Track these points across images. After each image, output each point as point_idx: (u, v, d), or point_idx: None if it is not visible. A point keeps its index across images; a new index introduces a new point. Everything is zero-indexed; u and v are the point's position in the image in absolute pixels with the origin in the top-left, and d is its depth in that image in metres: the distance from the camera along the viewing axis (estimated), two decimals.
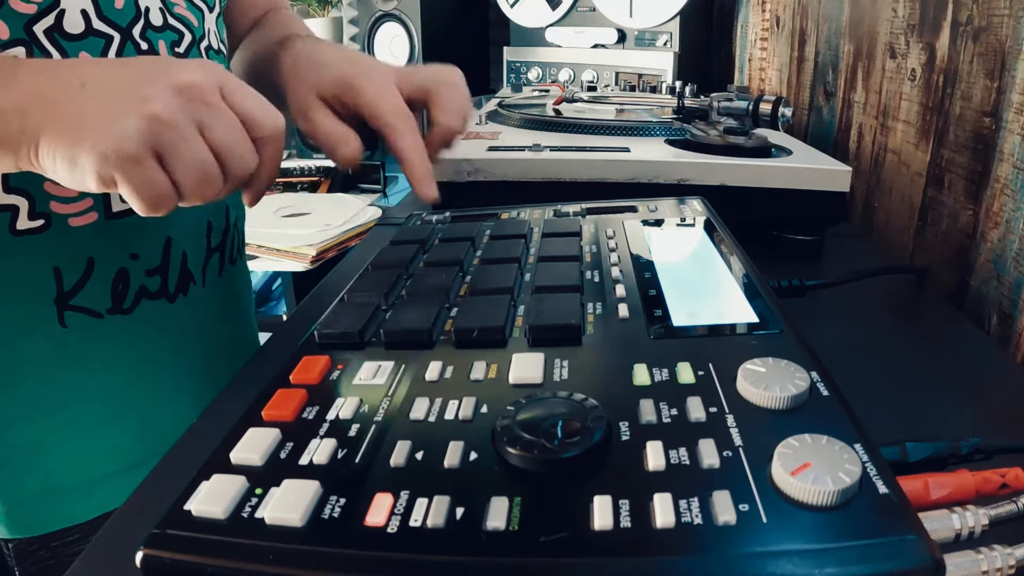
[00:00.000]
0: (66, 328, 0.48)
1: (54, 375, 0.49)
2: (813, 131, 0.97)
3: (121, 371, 0.51)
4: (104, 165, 0.34)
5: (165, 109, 0.35)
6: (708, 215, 0.49)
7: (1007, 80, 0.52)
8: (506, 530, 0.21)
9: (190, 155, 0.36)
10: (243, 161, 0.38)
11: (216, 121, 0.37)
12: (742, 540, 0.19)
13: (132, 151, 0.34)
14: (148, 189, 0.35)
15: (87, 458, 0.51)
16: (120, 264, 0.50)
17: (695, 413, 0.25)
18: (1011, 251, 0.52)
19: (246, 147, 0.38)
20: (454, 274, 0.40)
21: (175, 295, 0.54)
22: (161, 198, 0.36)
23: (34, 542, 0.51)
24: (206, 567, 0.21)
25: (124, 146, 0.34)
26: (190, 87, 0.36)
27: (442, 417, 0.26)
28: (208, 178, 0.37)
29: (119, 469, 0.51)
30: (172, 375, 0.54)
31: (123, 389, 0.52)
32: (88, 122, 0.34)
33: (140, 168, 0.35)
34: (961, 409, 0.39)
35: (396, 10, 1.77)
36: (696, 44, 1.41)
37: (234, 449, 0.25)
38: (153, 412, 0.53)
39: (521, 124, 0.79)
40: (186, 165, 0.36)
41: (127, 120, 0.34)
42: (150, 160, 0.35)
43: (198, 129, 0.36)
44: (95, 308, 0.49)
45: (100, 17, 0.46)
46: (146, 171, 0.35)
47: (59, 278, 0.47)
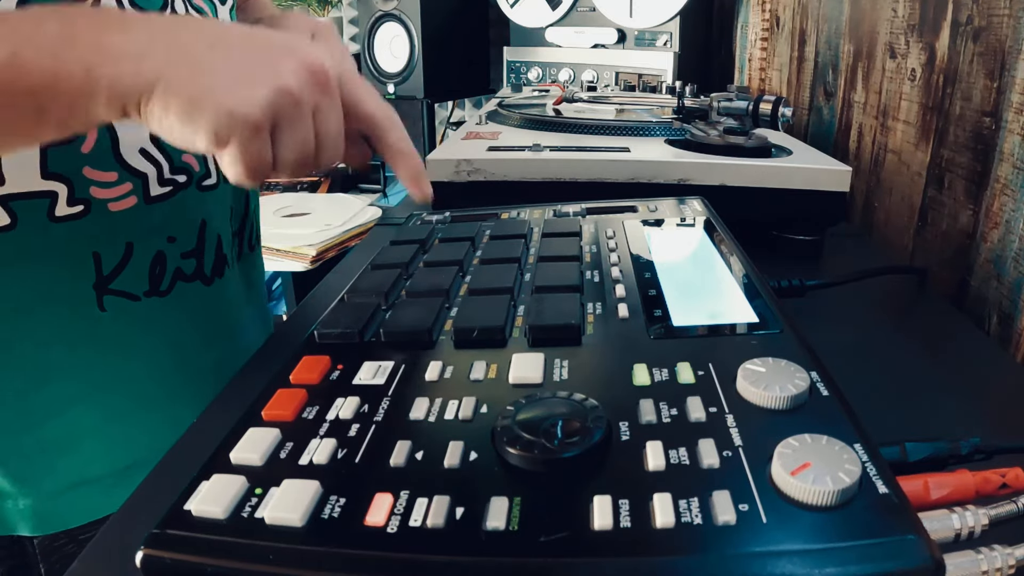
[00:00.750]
0: (105, 312, 0.49)
1: (91, 362, 0.49)
2: (813, 131, 0.97)
3: (154, 355, 0.52)
4: (225, 125, 0.34)
5: (296, 85, 0.35)
6: (708, 215, 0.49)
7: (1007, 80, 0.52)
8: (506, 530, 0.21)
9: (301, 136, 0.36)
10: (335, 153, 0.39)
11: (330, 110, 0.37)
12: (742, 540, 0.19)
13: (257, 117, 0.34)
14: (255, 158, 0.35)
15: (119, 446, 0.51)
16: (158, 247, 0.51)
17: (695, 413, 0.25)
18: (1011, 251, 0.52)
19: (341, 141, 0.39)
20: (454, 274, 0.40)
21: (211, 278, 0.55)
22: (261, 169, 0.36)
23: (62, 536, 0.51)
24: (206, 567, 0.21)
25: (251, 111, 0.34)
26: (321, 71, 0.36)
27: (442, 417, 0.26)
28: (306, 160, 0.37)
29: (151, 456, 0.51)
30: (202, 360, 0.55)
31: (155, 374, 0.52)
32: (219, 80, 0.34)
33: (256, 137, 0.35)
34: (961, 409, 0.39)
35: (396, 10, 1.77)
36: (696, 44, 1.41)
37: (234, 449, 0.25)
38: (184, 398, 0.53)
39: (521, 124, 0.79)
40: (294, 144, 0.36)
41: (260, 87, 0.34)
42: (266, 131, 0.35)
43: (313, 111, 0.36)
44: (133, 291, 0.50)
45: (132, 4, 0.47)
46: (260, 140, 0.35)
47: (98, 263, 0.48)
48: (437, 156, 0.64)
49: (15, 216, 0.44)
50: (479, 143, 0.69)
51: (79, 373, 0.49)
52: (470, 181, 0.64)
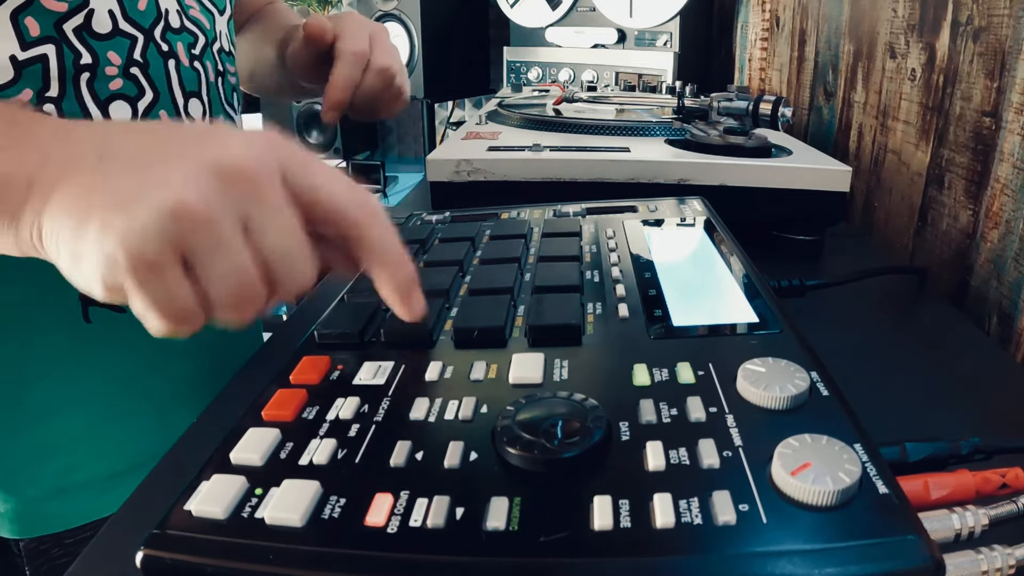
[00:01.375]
0: (90, 323, 0.48)
1: (76, 370, 0.49)
2: (813, 131, 0.97)
3: (139, 365, 0.52)
4: (111, 269, 0.25)
5: (198, 196, 0.25)
6: (708, 215, 0.49)
7: (1007, 80, 0.52)
8: (506, 530, 0.21)
9: (228, 265, 0.26)
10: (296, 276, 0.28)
11: (267, 219, 0.27)
12: (742, 540, 0.19)
13: (146, 253, 0.25)
14: (166, 304, 0.26)
15: (104, 453, 0.51)
16: None
17: (695, 413, 0.25)
18: (1011, 251, 0.52)
19: (303, 257, 0.28)
20: (454, 274, 0.40)
21: None
22: (183, 316, 0.27)
23: (47, 540, 0.51)
24: (206, 567, 0.21)
25: (136, 245, 0.25)
26: (235, 171, 0.27)
27: (442, 417, 0.26)
28: (249, 295, 0.27)
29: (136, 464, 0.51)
30: (189, 368, 0.55)
31: (141, 383, 0.52)
32: (99, 208, 0.26)
33: (155, 278, 0.26)
34: (961, 409, 0.39)
35: (396, 10, 1.77)
36: (696, 44, 1.41)
37: (234, 449, 0.25)
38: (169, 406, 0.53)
39: (521, 124, 0.79)
40: (221, 278, 0.27)
41: (143, 209, 0.25)
42: (173, 267, 0.26)
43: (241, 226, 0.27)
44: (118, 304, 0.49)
45: (125, 18, 0.46)
46: (165, 280, 0.26)
47: None
48: (437, 156, 0.64)
49: None
50: (479, 143, 0.69)
51: (64, 381, 0.49)
52: (470, 181, 0.63)
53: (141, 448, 0.52)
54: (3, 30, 0.41)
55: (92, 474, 0.51)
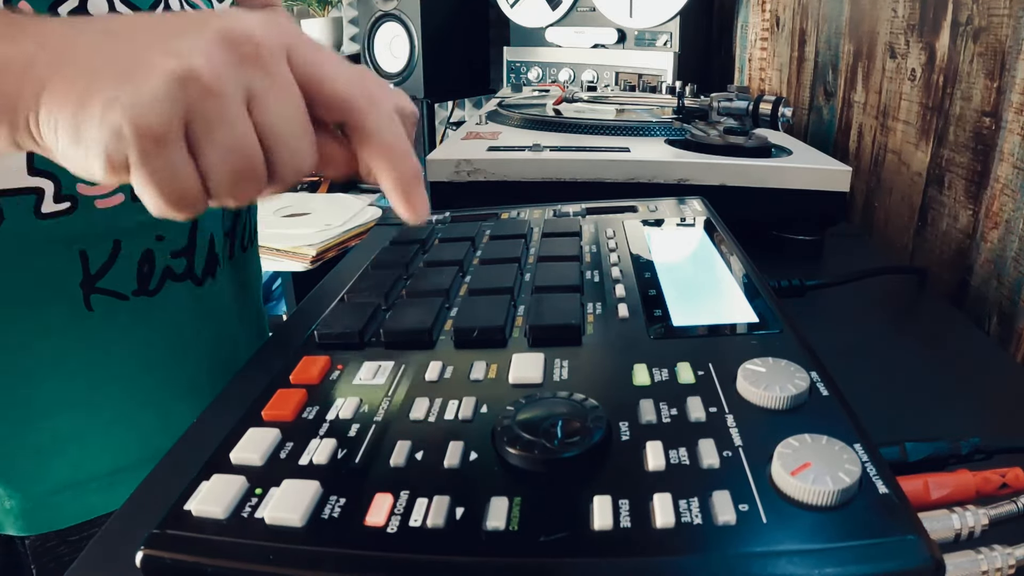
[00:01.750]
0: (92, 311, 0.48)
1: (79, 363, 0.49)
2: (813, 131, 0.97)
3: (145, 357, 0.51)
4: (115, 142, 0.25)
5: (207, 65, 0.25)
6: (708, 215, 0.49)
7: (1007, 80, 0.52)
8: (506, 530, 0.21)
9: (230, 138, 0.26)
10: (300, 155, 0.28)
11: (272, 93, 0.27)
12: (742, 540, 0.19)
13: (154, 123, 0.24)
14: (169, 181, 0.26)
15: (109, 449, 0.51)
16: (146, 246, 0.50)
17: (695, 413, 0.25)
18: (1011, 251, 0.52)
19: (306, 132, 0.28)
20: (454, 274, 0.40)
21: (203, 279, 0.54)
22: (184, 195, 0.26)
23: (52, 537, 0.51)
24: (206, 567, 0.21)
25: (143, 115, 0.24)
26: (245, 40, 0.26)
27: (442, 417, 0.26)
28: (248, 172, 0.27)
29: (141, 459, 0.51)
30: (194, 361, 0.55)
31: (145, 376, 0.52)
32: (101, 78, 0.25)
33: (162, 151, 0.25)
34: (961, 409, 0.39)
35: (396, 10, 1.77)
36: (696, 44, 1.41)
37: (234, 449, 0.25)
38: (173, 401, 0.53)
39: (521, 124, 0.79)
40: (222, 151, 0.26)
41: (152, 78, 0.24)
42: (177, 140, 0.25)
43: (246, 101, 0.26)
44: (121, 290, 0.49)
45: (124, 2, 0.46)
46: (170, 155, 0.25)
47: (85, 261, 0.47)
48: (437, 156, 0.64)
49: (0, 213, 0.43)
50: (479, 143, 0.69)
51: (67, 374, 0.49)
52: (470, 181, 0.63)
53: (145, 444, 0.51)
54: None
55: (96, 470, 0.51)
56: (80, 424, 0.50)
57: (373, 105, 0.29)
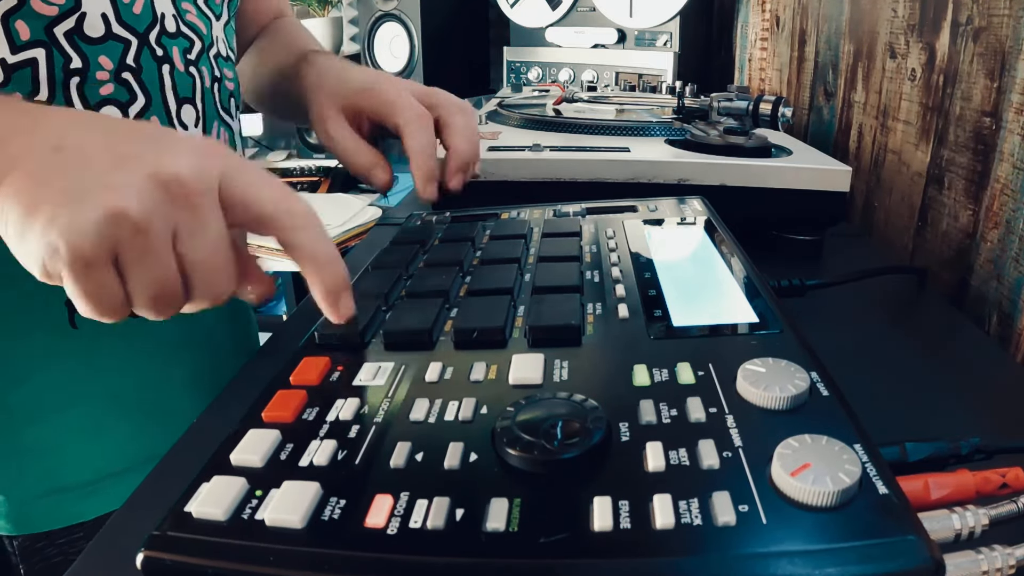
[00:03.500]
0: (76, 328, 0.48)
1: (64, 373, 0.49)
2: (813, 131, 0.97)
3: (129, 369, 0.52)
4: (52, 257, 0.28)
5: (138, 206, 0.28)
6: (708, 215, 0.49)
7: (1007, 80, 0.52)
8: (506, 531, 0.21)
9: (154, 271, 0.29)
10: (214, 286, 0.31)
11: (195, 232, 0.30)
12: (742, 541, 0.19)
13: (85, 251, 0.28)
14: (96, 296, 0.29)
15: (95, 455, 0.51)
16: None
17: (695, 413, 0.25)
18: (1011, 251, 0.52)
19: (224, 267, 0.31)
20: (454, 274, 0.40)
21: None
22: (109, 308, 0.30)
23: (40, 539, 0.51)
24: (206, 569, 0.21)
25: (76, 242, 0.27)
26: (175, 182, 0.29)
27: (442, 418, 0.26)
28: (167, 299, 0.30)
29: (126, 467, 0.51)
30: (177, 374, 0.55)
31: (131, 387, 0.52)
32: (46, 198, 0.28)
33: (92, 272, 0.28)
34: (961, 409, 0.39)
35: (396, 10, 1.77)
36: (696, 44, 1.41)
37: (234, 450, 0.25)
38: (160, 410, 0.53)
39: (521, 124, 0.79)
40: (143, 280, 0.29)
41: (89, 210, 0.28)
42: (106, 265, 0.29)
43: (171, 235, 0.29)
44: None
45: (119, 21, 0.46)
46: (98, 277, 0.29)
47: None
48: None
49: None
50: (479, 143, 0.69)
51: (51, 387, 0.49)
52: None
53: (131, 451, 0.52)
54: None
55: (82, 476, 0.51)
56: (62, 432, 0.50)
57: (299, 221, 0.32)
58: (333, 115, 0.53)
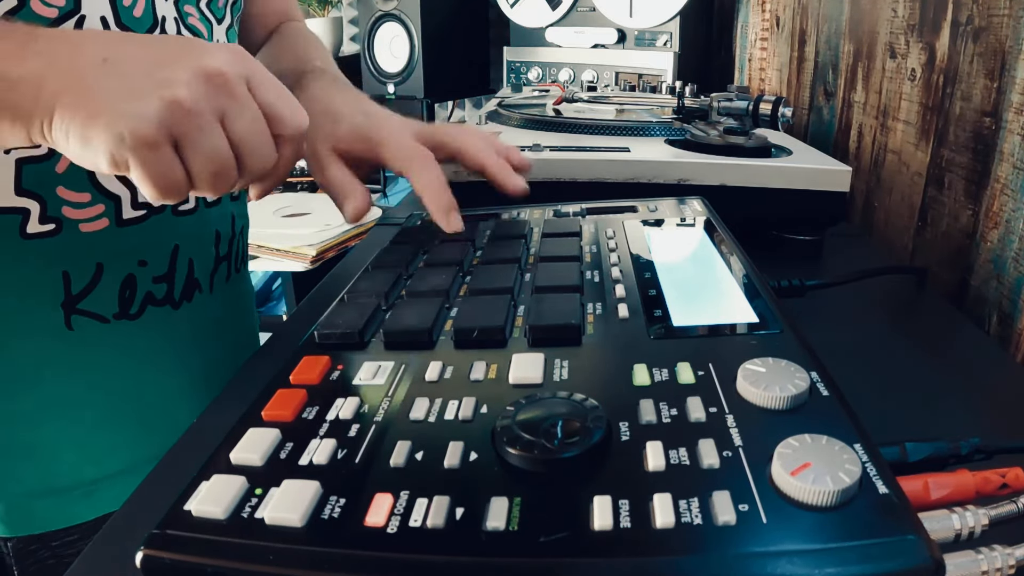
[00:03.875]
0: (72, 331, 0.48)
1: (59, 377, 0.49)
2: (813, 131, 0.97)
3: (125, 374, 0.52)
4: (119, 147, 0.33)
5: (188, 95, 0.33)
6: (708, 215, 0.49)
7: (1007, 80, 0.52)
8: (506, 530, 0.21)
9: (208, 146, 0.34)
10: (261, 157, 0.37)
11: (239, 113, 0.35)
12: (742, 540, 0.19)
13: (149, 135, 0.33)
14: (161, 176, 0.34)
15: (89, 459, 0.51)
16: (128, 270, 0.50)
17: (695, 413, 0.25)
18: (1011, 251, 0.52)
19: (266, 143, 0.37)
20: (454, 274, 0.40)
21: (180, 302, 0.54)
22: (173, 186, 0.35)
23: (34, 541, 0.51)
24: (206, 567, 0.21)
25: (141, 128, 0.32)
26: (217, 74, 0.34)
27: (442, 417, 0.26)
28: (223, 171, 0.35)
29: (121, 470, 0.51)
30: (175, 378, 0.55)
31: (126, 392, 0.52)
32: (106, 99, 0.33)
33: (155, 154, 0.33)
34: (961, 409, 0.39)
35: (396, 10, 1.77)
36: (696, 44, 1.41)
37: (234, 449, 0.25)
38: (155, 414, 0.53)
39: (521, 124, 0.79)
40: (203, 156, 0.34)
41: (147, 102, 0.33)
42: (166, 146, 0.33)
43: (219, 119, 0.35)
44: (102, 313, 0.49)
45: (119, 24, 0.46)
46: (161, 157, 0.33)
47: (67, 282, 0.47)
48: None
49: None
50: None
51: (47, 388, 0.49)
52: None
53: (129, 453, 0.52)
54: None
55: (78, 478, 0.51)
56: (60, 434, 0.50)
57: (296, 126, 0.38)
58: (325, 154, 0.52)
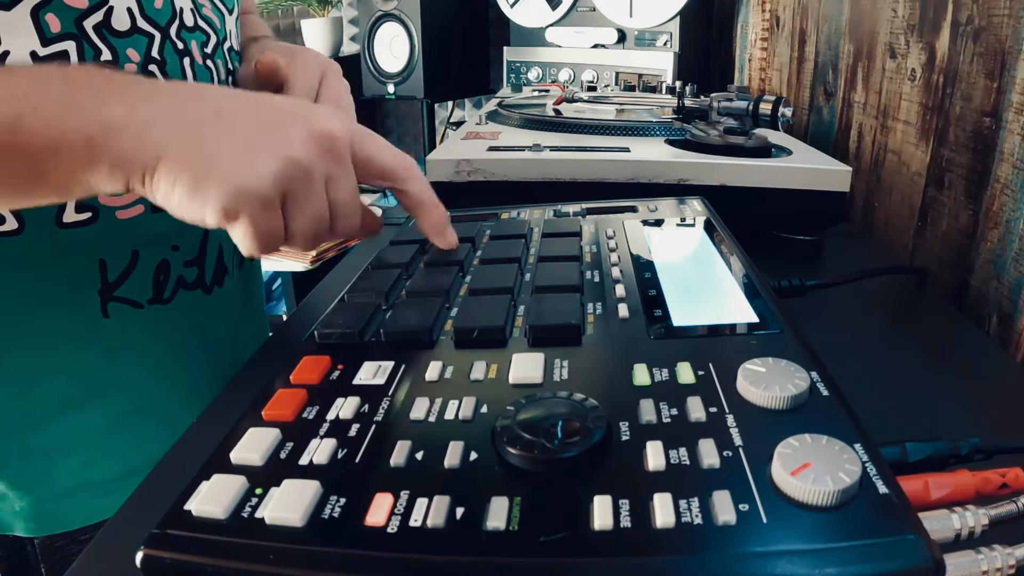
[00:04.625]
0: (108, 318, 0.49)
1: (92, 367, 0.49)
2: (813, 131, 0.97)
3: (155, 362, 0.52)
4: (234, 201, 0.33)
5: (305, 156, 0.34)
6: (708, 215, 0.49)
7: (1007, 80, 0.52)
8: (506, 530, 0.21)
9: (313, 207, 0.35)
10: (352, 221, 0.38)
11: (342, 177, 0.36)
12: (742, 540, 0.19)
13: (266, 192, 0.33)
14: (265, 232, 0.34)
15: (119, 452, 0.51)
16: (162, 255, 0.51)
17: (695, 413, 0.25)
18: (1011, 251, 0.52)
19: (358, 207, 0.38)
20: (454, 274, 0.40)
21: (211, 286, 0.55)
22: (272, 242, 0.35)
23: (61, 537, 0.51)
24: (206, 567, 0.21)
25: (259, 185, 0.33)
26: (329, 137, 0.35)
27: (442, 417, 0.26)
28: (320, 232, 0.36)
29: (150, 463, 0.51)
30: (202, 367, 0.55)
31: (156, 381, 0.52)
32: (225, 153, 0.33)
33: (267, 211, 0.34)
34: (961, 409, 0.39)
35: (396, 10, 1.77)
36: (696, 44, 1.41)
37: (234, 449, 0.25)
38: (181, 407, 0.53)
39: (521, 124, 0.79)
40: (307, 216, 0.35)
41: (267, 159, 0.33)
42: (277, 204, 0.34)
43: (325, 182, 0.36)
44: (137, 299, 0.50)
45: (143, 16, 0.46)
46: (271, 214, 0.34)
47: (104, 269, 0.48)
48: (437, 156, 0.64)
49: (23, 221, 0.44)
50: (479, 143, 0.69)
51: (79, 378, 0.49)
52: (470, 181, 0.64)
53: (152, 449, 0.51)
54: (24, 25, 0.41)
55: (105, 474, 0.51)
56: (91, 427, 0.50)
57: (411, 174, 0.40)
58: None
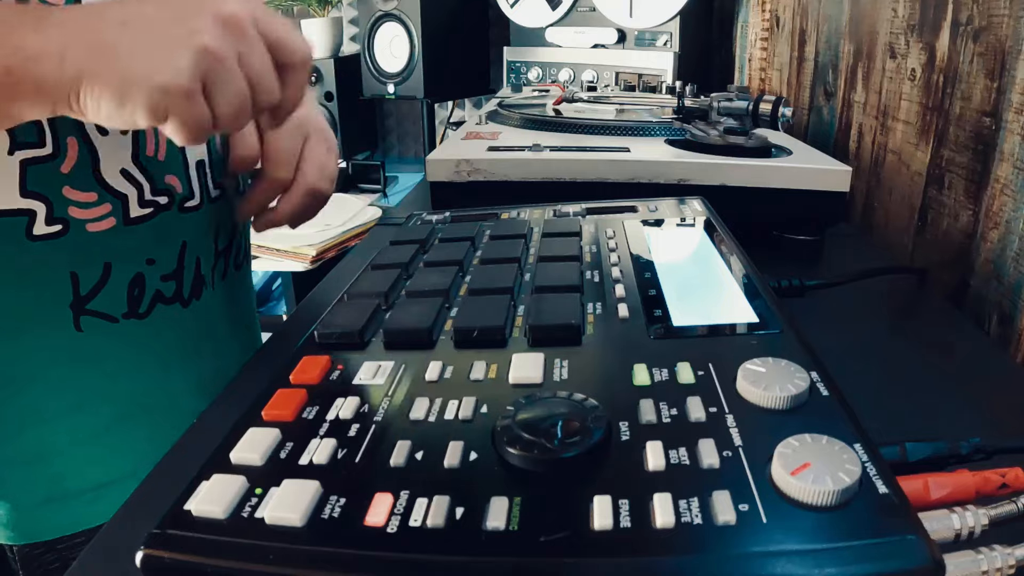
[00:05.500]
0: (81, 332, 0.48)
1: (67, 378, 0.49)
2: (813, 131, 0.97)
3: (133, 375, 0.51)
4: (158, 100, 0.35)
5: (213, 41, 0.36)
6: (708, 215, 0.49)
7: (1007, 80, 0.52)
8: (506, 530, 0.21)
9: (232, 88, 0.37)
10: (272, 92, 0.39)
11: (252, 52, 0.38)
12: (742, 540, 0.19)
13: (186, 84, 0.35)
14: (195, 121, 0.36)
15: (97, 462, 0.51)
16: (137, 269, 0.50)
17: (695, 413, 0.25)
18: (1011, 251, 0.52)
19: (274, 77, 0.39)
20: (454, 274, 0.40)
21: (188, 300, 0.54)
22: (204, 130, 0.37)
23: (40, 546, 0.50)
24: (206, 567, 0.21)
25: (178, 79, 0.35)
26: (232, 18, 0.37)
27: (442, 417, 0.26)
28: (244, 109, 0.38)
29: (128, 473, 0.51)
30: (182, 379, 0.54)
31: (134, 393, 0.52)
32: (138, 58, 0.35)
33: (191, 102, 0.36)
34: (961, 409, 0.39)
35: (396, 10, 1.77)
36: (696, 44, 1.41)
37: (234, 449, 0.25)
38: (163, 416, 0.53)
39: (521, 124, 0.79)
40: (228, 97, 0.37)
41: (180, 53, 0.35)
42: (199, 93, 0.36)
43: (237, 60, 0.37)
44: (111, 313, 0.49)
45: None
46: (196, 104, 0.36)
47: (76, 283, 0.47)
48: (437, 156, 0.64)
49: None
50: (479, 143, 0.69)
51: (55, 390, 0.48)
52: (470, 181, 0.63)
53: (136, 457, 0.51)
54: None
55: (84, 483, 0.50)
56: (67, 437, 0.49)
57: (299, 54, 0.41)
58: None
